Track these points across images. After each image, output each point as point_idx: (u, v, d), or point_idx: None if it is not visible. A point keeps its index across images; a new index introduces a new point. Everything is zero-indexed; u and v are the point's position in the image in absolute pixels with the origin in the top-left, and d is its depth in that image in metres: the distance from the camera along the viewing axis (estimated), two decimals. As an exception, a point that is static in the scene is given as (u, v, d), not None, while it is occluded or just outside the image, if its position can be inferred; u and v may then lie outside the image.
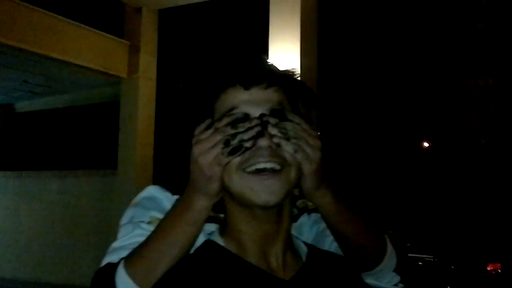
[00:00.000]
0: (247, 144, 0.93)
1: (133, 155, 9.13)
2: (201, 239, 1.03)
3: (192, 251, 1.02)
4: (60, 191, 10.61)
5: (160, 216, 1.07)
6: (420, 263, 7.71)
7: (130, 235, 1.08)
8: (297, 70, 1.33)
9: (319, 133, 1.17)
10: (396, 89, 14.56)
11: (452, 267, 7.45)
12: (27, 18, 8.16)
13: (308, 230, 1.25)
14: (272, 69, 1.03)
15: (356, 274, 1.11)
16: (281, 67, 1.26)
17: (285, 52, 7.41)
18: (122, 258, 1.01)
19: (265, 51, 7.57)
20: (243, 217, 0.99)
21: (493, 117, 13.56)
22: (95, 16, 9.53)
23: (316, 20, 7.79)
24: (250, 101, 0.97)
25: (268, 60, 1.05)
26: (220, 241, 1.01)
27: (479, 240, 7.99)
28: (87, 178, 10.32)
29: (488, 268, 7.22)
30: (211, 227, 1.08)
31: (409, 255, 7.89)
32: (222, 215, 1.06)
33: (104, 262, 1.05)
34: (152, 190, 1.20)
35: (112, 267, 1.00)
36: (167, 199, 1.19)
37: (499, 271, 7.18)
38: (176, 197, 1.13)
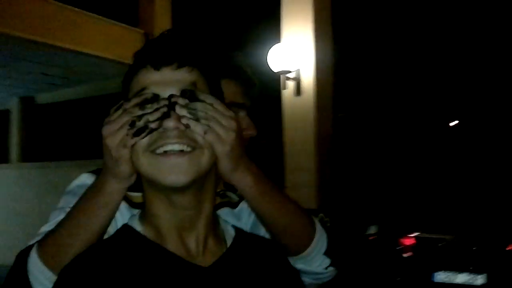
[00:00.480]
0: (152, 125, 0.90)
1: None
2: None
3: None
4: (82, 181, 10.70)
5: None
6: (440, 244, 7.60)
7: (55, 220, 1.07)
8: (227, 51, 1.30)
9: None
10: (417, 71, 14.26)
11: (474, 248, 7.32)
12: (42, 11, 8.22)
13: (247, 216, 1.22)
14: (187, 50, 0.99)
15: (284, 259, 1.07)
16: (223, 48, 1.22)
17: (298, 36, 7.31)
18: (36, 241, 1.01)
19: (277, 35, 7.48)
20: (159, 202, 0.96)
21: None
22: (108, 5, 9.53)
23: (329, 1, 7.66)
24: (160, 82, 0.94)
25: (189, 41, 1.01)
26: (137, 226, 0.99)
27: (500, 220, 7.83)
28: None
29: (509, 248, 7.08)
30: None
31: (429, 235, 7.79)
32: None
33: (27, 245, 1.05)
34: (84, 178, 1.20)
35: (29, 249, 1.00)
36: None
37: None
38: None
